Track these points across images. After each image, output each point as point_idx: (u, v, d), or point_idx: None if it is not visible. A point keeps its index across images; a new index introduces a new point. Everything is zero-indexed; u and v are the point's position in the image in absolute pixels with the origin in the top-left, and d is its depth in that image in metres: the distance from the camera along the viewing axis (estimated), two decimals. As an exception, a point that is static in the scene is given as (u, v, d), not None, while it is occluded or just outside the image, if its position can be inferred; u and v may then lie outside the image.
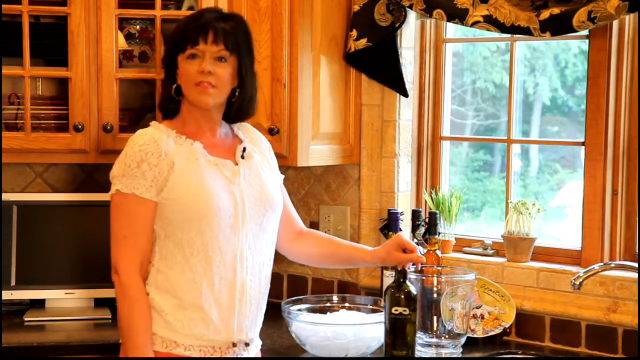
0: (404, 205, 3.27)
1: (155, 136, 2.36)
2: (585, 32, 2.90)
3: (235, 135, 2.53)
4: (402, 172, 3.28)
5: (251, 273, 2.41)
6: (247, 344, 2.43)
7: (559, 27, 2.74)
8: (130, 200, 2.33)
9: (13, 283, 3.15)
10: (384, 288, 2.72)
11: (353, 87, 3.26)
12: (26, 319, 3.09)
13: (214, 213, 2.33)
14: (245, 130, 2.56)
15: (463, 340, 2.79)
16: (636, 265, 2.71)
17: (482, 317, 2.93)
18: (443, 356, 2.74)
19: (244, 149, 2.48)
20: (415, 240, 3.03)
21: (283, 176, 2.63)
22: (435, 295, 2.74)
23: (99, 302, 3.22)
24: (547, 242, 3.12)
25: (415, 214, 3.08)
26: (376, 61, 3.19)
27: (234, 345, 2.40)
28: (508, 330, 2.94)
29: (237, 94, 2.44)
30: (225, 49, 2.36)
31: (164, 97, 2.46)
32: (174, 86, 2.41)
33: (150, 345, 2.32)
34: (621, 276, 2.82)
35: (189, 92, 2.38)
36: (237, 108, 2.46)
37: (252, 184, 2.43)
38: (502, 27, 2.84)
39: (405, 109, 3.28)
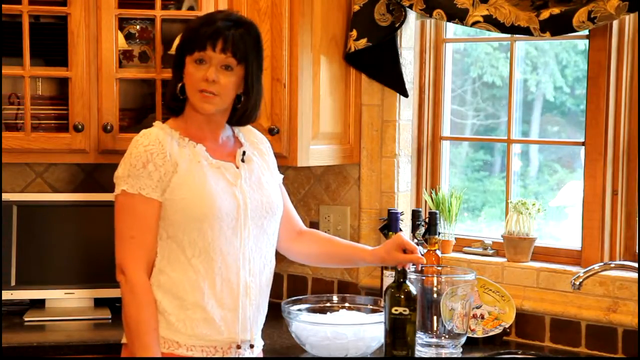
0: (404, 205, 3.27)
1: (160, 137, 2.36)
2: (585, 32, 2.90)
3: (236, 137, 2.53)
4: (402, 172, 3.28)
5: (252, 275, 2.41)
6: (251, 346, 2.43)
7: (559, 27, 2.74)
8: (137, 200, 2.33)
9: (13, 283, 3.15)
10: (384, 288, 2.72)
11: (353, 87, 3.26)
12: (26, 319, 3.09)
13: (215, 215, 2.33)
14: (246, 132, 2.56)
15: (463, 340, 2.79)
16: (636, 265, 2.71)
17: (482, 317, 2.93)
18: (443, 356, 2.74)
19: (244, 153, 2.48)
20: (415, 240, 3.03)
21: (282, 176, 2.64)
22: (435, 295, 2.74)
23: (99, 302, 3.22)
24: (547, 242, 3.12)
25: (415, 214, 3.08)
26: (376, 61, 3.19)
27: (238, 347, 2.41)
28: (508, 330, 2.94)
29: (242, 100, 2.44)
30: (232, 57, 2.35)
31: (170, 94, 2.46)
32: (179, 85, 2.41)
33: (157, 345, 2.32)
34: (621, 276, 2.82)
35: (191, 96, 2.38)
36: (241, 114, 2.47)
37: (253, 188, 2.44)
38: (502, 27, 2.84)
39: (405, 109, 3.28)
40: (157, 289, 2.36)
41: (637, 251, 2.89)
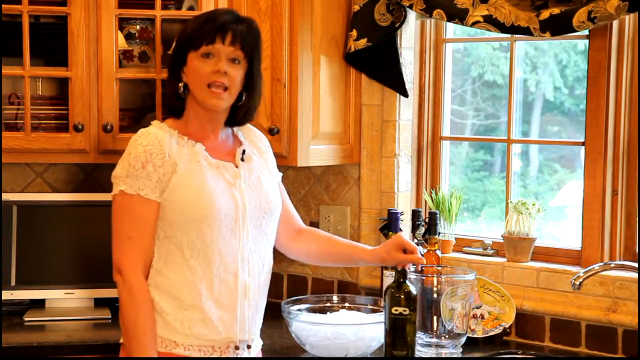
0: (404, 205, 3.27)
1: (159, 136, 2.36)
2: (585, 32, 2.90)
3: (235, 136, 2.53)
4: (402, 172, 3.28)
5: (251, 275, 2.41)
6: (249, 346, 2.43)
7: (558, 27, 2.74)
8: (135, 201, 2.32)
9: (13, 283, 3.15)
10: (384, 288, 2.72)
11: (353, 87, 3.26)
12: (26, 319, 3.09)
13: (214, 215, 2.33)
14: (245, 131, 2.56)
15: (463, 340, 2.79)
16: (636, 265, 2.71)
17: (482, 317, 2.93)
18: (443, 356, 2.74)
19: (244, 152, 2.48)
20: (415, 240, 3.03)
21: (281, 174, 2.63)
22: (435, 295, 2.74)
23: (99, 302, 3.22)
24: (547, 242, 3.12)
25: (415, 214, 3.08)
26: (376, 61, 3.19)
27: (237, 348, 2.40)
28: (508, 330, 2.93)
29: (244, 97, 2.44)
30: (240, 49, 2.36)
31: (170, 95, 2.44)
32: (181, 84, 2.40)
33: (154, 346, 2.31)
34: (621, 276, 2.82)
35: (199, 93, 2.37)
36: (244, 112, 2.46)
37: (252, 187, 2.43)
38: (502, 27, 2.84)
39: (405, 109, 3.28)
40: (154, 289, 2.35)
41: (637, 251, 2.89)
